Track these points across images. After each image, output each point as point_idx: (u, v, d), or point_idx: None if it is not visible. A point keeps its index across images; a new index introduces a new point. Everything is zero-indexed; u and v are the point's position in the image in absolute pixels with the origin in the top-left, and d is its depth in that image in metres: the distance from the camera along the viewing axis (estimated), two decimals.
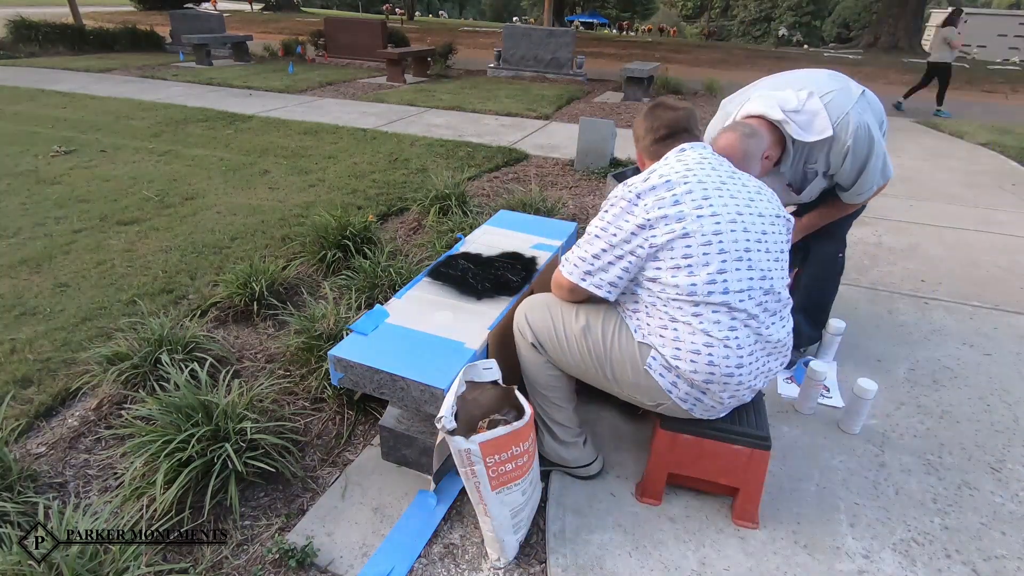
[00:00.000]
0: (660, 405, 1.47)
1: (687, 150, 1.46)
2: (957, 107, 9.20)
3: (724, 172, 1.42)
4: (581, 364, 1.51)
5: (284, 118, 6.27)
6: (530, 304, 1.60)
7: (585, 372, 1.53)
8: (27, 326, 2.32)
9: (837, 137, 1.79)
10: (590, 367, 1.50)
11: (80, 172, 4.24)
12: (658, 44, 21.09)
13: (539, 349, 1.56)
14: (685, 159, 1.42)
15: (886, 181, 1.95)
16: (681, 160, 1.42)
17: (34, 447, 1.77)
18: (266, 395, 1.87)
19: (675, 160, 1.43)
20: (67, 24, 11.39)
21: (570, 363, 1.53)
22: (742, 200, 1.39)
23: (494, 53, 10.66)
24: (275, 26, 19.33)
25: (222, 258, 2.96)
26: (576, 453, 1.65)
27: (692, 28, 45.23)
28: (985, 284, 3.02)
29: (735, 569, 1.43)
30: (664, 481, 1.60)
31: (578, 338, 1.48)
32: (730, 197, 1.37)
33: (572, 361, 1.52)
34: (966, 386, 2.18)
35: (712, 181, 1.37)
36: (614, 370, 1.46)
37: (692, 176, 1.36)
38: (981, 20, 32.17)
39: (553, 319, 1.53)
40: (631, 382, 1.45)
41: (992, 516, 1.62)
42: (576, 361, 1.51)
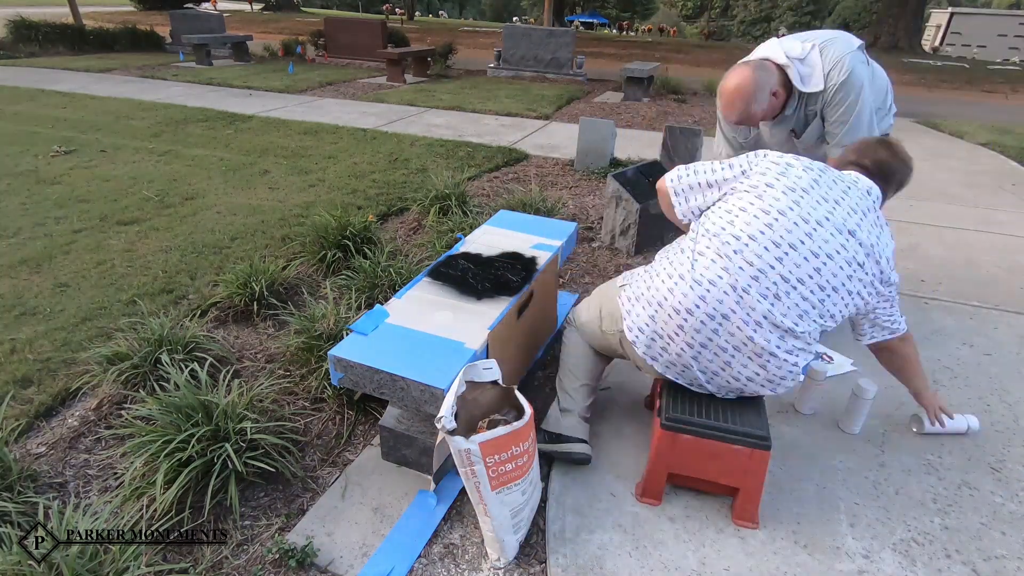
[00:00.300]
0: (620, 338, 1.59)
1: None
2: (957, 107, 9.20)
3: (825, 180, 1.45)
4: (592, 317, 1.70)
5: (284, 118, 6.27)
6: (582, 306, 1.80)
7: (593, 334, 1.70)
8: (27, 326, 2.32)
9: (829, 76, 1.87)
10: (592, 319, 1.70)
11: (80, 172, 4.24)
12: (658, 44, 21.09)
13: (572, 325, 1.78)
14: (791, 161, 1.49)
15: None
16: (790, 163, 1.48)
17: (34, 447, 1.77)
18: (266, 395, 1.87)
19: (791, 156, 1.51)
20: (67, 24, 11.39)
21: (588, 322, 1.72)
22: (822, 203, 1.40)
23: (494, 53, 10.66)
24: (275, 26, 19.32)
25: (222, 258, 2.96)
26: (572, 422, 1.70)
27: (692, 28, 45.21)
28: (985, 284, 3.02)
29: (735, 569, 1.43)
30: (664, 481, 1.60)
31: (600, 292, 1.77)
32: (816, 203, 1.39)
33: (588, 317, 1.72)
34: (966, 386, 2.18)
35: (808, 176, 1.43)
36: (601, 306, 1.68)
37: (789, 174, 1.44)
38: (981, 20, 32.16)
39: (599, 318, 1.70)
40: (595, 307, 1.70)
41: (992, 516, 1.62)
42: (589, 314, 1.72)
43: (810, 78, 1.89)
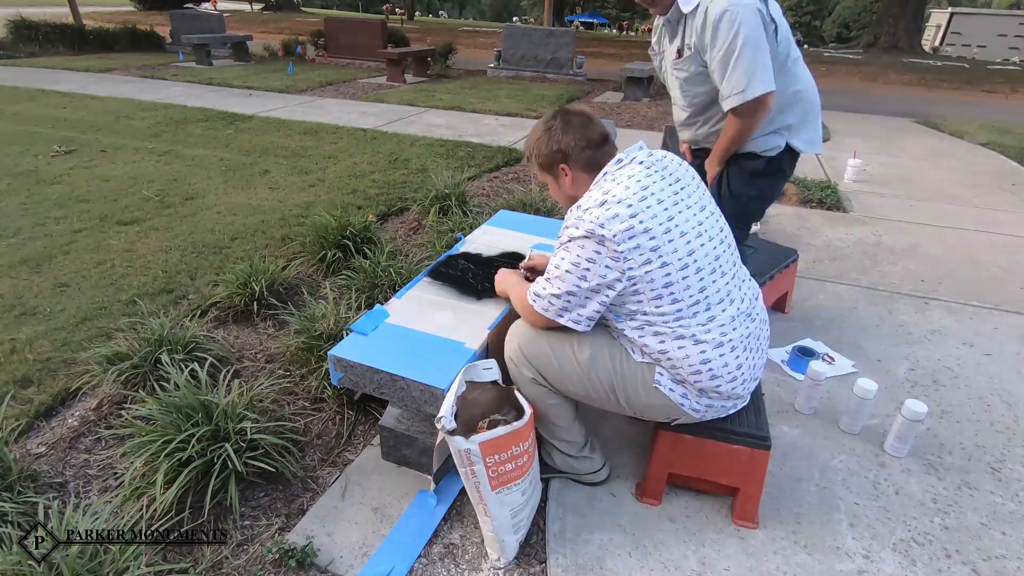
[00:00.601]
0: (675, 420, 1.47)
1: (624, 162, 1.38)
2: (957, 107, 9.21)
3: (670, 177, 1.37)
4: (591, 393, 1.47)
5: (284, 118, 6.27)
6: (520, 336, 1.51)
7: (594, 399, 1.49)
8: (27, 326, 2.32)
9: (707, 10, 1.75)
10: (600, 394, 1.46)
11: (80, 172, 4.24)
12: None
13: (541, 382, 1.50)
14: (633, 174, 1.34)
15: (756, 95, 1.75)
16: (631, 176, 1.34)
17: (34, 447, 1.77)
18: (266, 395, 1.87)
19: (625, 178, 1.34)
20: (67, 24, 11.39)
21: (577, 392, 1.49)
22: (694, 204, 1.37)
23: (494, 53, 10.66)
24: (275, 26, 19.33)
25: (222, 258, 2.96)
26: (587, 464, 1.64)
27: None
28: (985, 284, 3.02)
29: (735, 569, 1.43)
30: (665, 481, 1.60)
31: (585, 370, 1.43)
32: (686, 207, 1.34)
33: (579, 391, 1.48)
34: (966, 386, 2.18)
35: (667, 195, 1.33)
36: (627, 395, 1.44)
37: (650, 195, 1.30)
38: (981, 20, 32.17)
39: (555, 353, 1.46)
40: (644, 404, 1.44)
41: (992, 516, 1.62)
42: (584, 390, 1.47)
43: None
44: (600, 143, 1.43)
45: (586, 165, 1.43)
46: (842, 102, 9.22)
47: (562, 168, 1.45)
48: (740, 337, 1.37)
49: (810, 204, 4.15)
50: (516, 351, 1.50)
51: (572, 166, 1.44)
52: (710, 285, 1.34)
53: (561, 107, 1.51)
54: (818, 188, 4.32)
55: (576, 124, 1.43)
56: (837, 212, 4.04)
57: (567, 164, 1.44)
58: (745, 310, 1.41)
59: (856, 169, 4.72)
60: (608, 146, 1.44)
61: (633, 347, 1.40)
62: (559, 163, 1.45)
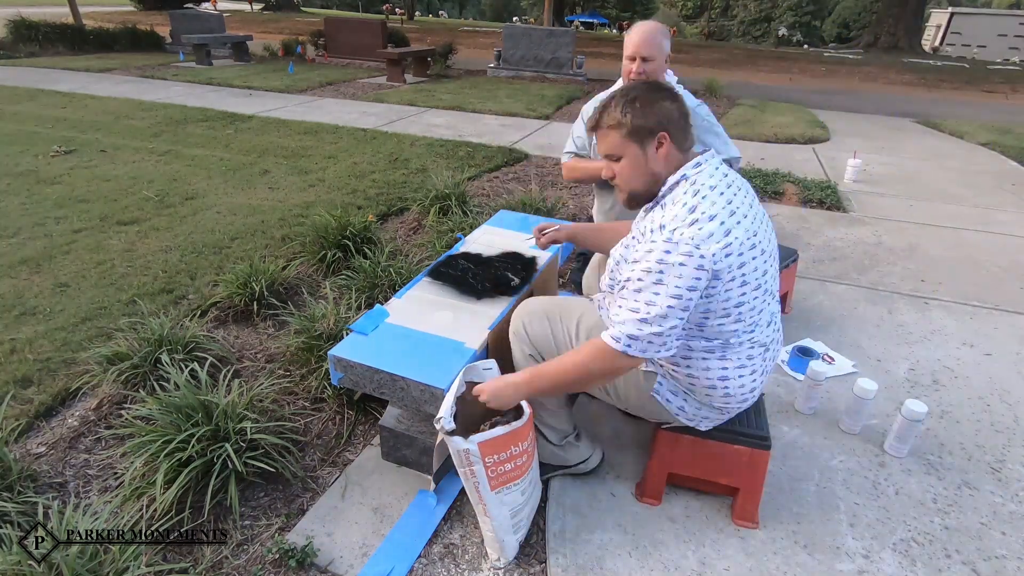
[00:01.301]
0: (665, 424, 1.47)
1: (703, 166, 1.27)
2: (957, 107, 9.21)
3: (744, 188, 1.30)
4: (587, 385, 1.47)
5: (284, 118, 6.26)
6: (528, 312, 1.53)
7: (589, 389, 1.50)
8: (27, 326, 2.32)
9: None
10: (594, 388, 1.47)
11: (80, 172, 4.24)
12: None
13: (537, 359, 1.50)
14: (715, 185, 1.23)
15: None
16: (714, 188, 1.23)
17: (34, 447, 1.77)
18: (266, 395, 1.87)
19: (708, 190, 1.23)
20: (67, 24, 11.39)
21: None
22: (765, 219, 1.30)
23: (494, 53, 10.65)
24: (275, 26, 19.32)
25: (222, 258, 2.96)
26: (572, 453, 1.65)
27: (692, 28, 45.20)
28: (985, 284, 3.02)
29: (735, 569, 1.43)
30: (664, 481, 1.60)
31: None
32: (762, 224, 1.26)
33: None
34: (966, 386, 2.18)
35: (747, 208, 1.24)
36: (617, 391, 1.44)
37: (737, 210, 1.21)
38: (981, 20, 32.15)
39: (554, 333, 1.48)
40: (635, 404, 1.44)
41: (992, 516, 1.62)
42: None
43: None
44: (689, 121, 1.32)
45: (683, 141, 1.29)
46: (842, 102, 9.22)
47: (662, 136, 1.27)
48: (761, 360, 1.36)
49: (810, 204, 4.15)
50: (519, 326, 1.53)
51: (673, 137, 1.27)
52: (766, 307, 1.30)
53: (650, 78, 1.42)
54: (818, 188, 4.32)
55: (673, 95, 1.30)
56: (837, 212, 4.04)
57: (669, 132, 1.27)
58: (775, 335, 1.38)
59: (856, 169, 4.72)
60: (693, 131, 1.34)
61: None
62: (661, 131, 1.26)
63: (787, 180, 4.54)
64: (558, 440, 1.62)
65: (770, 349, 1.38)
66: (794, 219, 3.86)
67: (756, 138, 6.18)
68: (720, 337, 1.29)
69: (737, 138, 6.17)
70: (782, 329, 1.45)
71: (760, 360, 1.36)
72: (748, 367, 1.33)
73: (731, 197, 1.23)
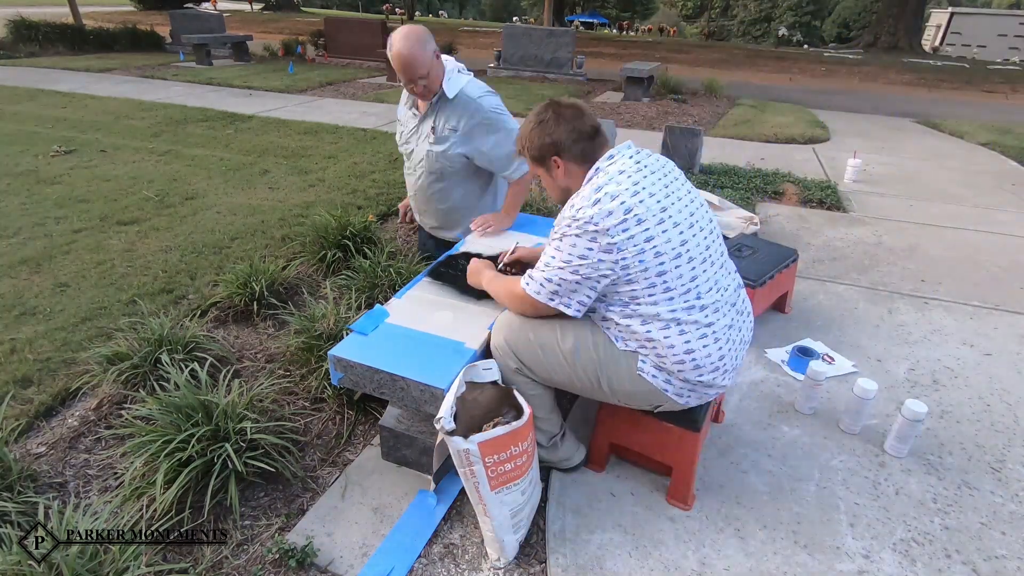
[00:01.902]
0: (658, 406, 1.48)
1: (616, 157, 1.40)
2: (957, 107, 9.21)
3: (660, 171, 1.39)
4: (575, 382, 1.49)
5: (284, 118, 6.27)
6: (507, 328, 1.53)
7: (579, 388, 1.52)
8: (27, 326, 2.32)
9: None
10: (584, 382, 1.48)
11: (80, 172, 4.24)
12: (658, 44, 21.09)
13: (525, 372, 1.52)
14: (624, 169, 1.35)
15: None
16: (622, 172, 1.35)
17: (34, 447, 1.77)
18: (266, 395, 1.87)
19: (616, 173, 1.35)
20: (67, 24, 11.39)
21: (561, 381, 1.51)
22: (685, 196, 1.40)
23: (494, 53, 10.66)
24: (275, 26, 19.32)
25: (222, 258, 2.96)
26: (558, 454, 1.67)
27: (692, 28, 45.20)
28: (985, 284, 3.02)
29: (735, 569, 1.43)
30: (607, 450, 1.70)
31: (568, 359, 1.46)
32: (678, 199, 1.37)
33: (563, 379, 1.50)
34: (966, 386, 2.18)
35: (658, 188, 1.35)
36: (610, 382, 1.45)
37: (642, 190, 1.32)
38: (981, 20, 32.13)
39: (540, 344, 1.48)
40: (628, 391, 1.45)
41: (992, 516, 1.62)
42: (569, 379, 1.49)
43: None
44: (592, 135, 1.43)
45: (579, 157, 1.43)
46: (842, 102, 9.22)
47: (554, 160, 1.45)
48: (723, 327, 1.40)
49: (810, 204, 4.15)
50: (502, 343, 1.53)
51: (565, 158, 1.44)
52: (701, 275, 1.37)
53: (552, 100, 1.50)
54: (818, 188, 4.32)
55: (568, 116, 1.43)
56: (837, 212, 4.04)
57: (560, 156, 1.44)
58: (730, 299, 1.44)
59: (856, 169, 4.72)
60: (600, 138, 1.45)
61: (618, 335, 1.42)
62: (551, 155, 1.44)
63: (787, 180, 4.54)
64: (546, 442, 1.65)
65: (724, 313, 1.41)
66: (794, 219, 3.86)
67: (756, 138, 6.18)
68: (664, 310, 1.35)
69: (737, 138, 6.18)
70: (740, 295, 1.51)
71: (722, 329, 1.40)
72: (710, 336, 1.38)
73: (639, 179, 1.34)
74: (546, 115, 1.45)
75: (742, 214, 3.51)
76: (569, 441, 1.69)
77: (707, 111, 7.67)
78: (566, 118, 1.43)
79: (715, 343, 1.39)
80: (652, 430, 1.57)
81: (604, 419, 1.65)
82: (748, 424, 1.93)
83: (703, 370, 1.39)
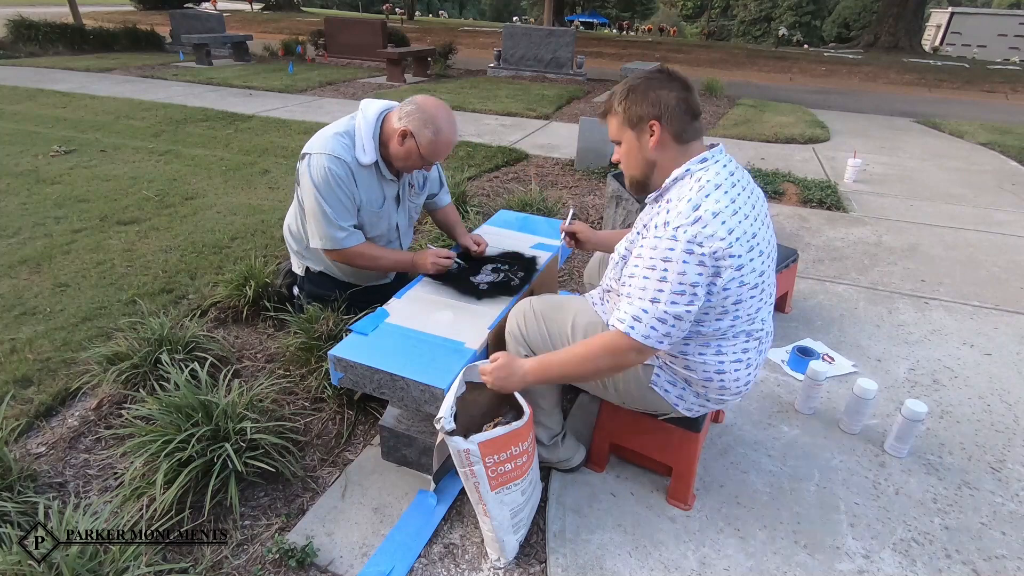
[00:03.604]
0: (663, 415, 1.48)
1: (709, 162, 1.27)
2: (957, 107, 9.21)
3: (749, 187, 1.30)
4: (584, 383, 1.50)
5: (284, 118, 6.26)
6: (523, 314, 1.53)
7: (586, 385, 1.53)
8: (27, 326, 2.32)
9: None
10: (592, 385, 1.49)
11: (80, 172, 4.24)
12: (658, 44, 21.10)
13: None
14: (720, 183, 1.23)
15: None
16: (718, 187, 1.22)
17: (34, 447, 1.77)
18: (266, 395, 1.87)
19: (713, 188, 1.22)
20: (67, 24, 11.39)
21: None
22: (767, 219, 1.31)
23: (494, 53, 10.66)
24: (275, 26, 19.31)
25: (222, 258, 2.96)
26: (558, 454, 1.67)
27: (692, 28, 45.21)
28: (985, 284, 3.02)
29: (735, 569, 1.43)
30: (607, 450, 1.69)
31: None
32: (763, 225, 1.28)
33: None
34: (966, 386, 2.18)
35: (750, 208, 1.25)
36: (617, 386, 1.45)
37: (739, 210, 1.21)
38: (981, 20, 32.14)
39: (550, 332, 1.49)
40: (636, 396, 1.45)
41: (992, 516, 1.62)
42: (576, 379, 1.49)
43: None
44: (696, 115, 1.29)
45: (678, 131, 1.27)
46: (842, 102, 9.23)
47: (652, 125, 1.27)
48: (756, 354, 1.38)
49: (810, 204, 4.15)
50: (515, 328, 1.53)
51: (665, 127, 1.27)
52: (763, 306, 1.32)
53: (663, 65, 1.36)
54: (818, 188, 4.32)
55: (680, 84, 1.29)
56: (837, 212, 4.04)
57: (660, 122, 1.27)
58: (769, 328, 1.40)
59: (856, 169, 4.72)
60: (700, 125, 1.32)
61: None
62: (651, 118, 1.27)
63: (787, 180, 4.54)
64: (547, 440, 1.65)
65: (764, 343, 1.40)
66: (794, 219, 3.86)
67: (756, 138, 6.19)
68: (716, 333, 1.31)
69: (737, 138, 6.18)
70: (775, 326, 1.48)
71: (755, 354, 1.38)
72: (743, 361, 1.36)
73: (735, 196, 1.23)
74: (655, 75, 1.30)
75: None
76: (569, 442, 1.70)
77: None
78: (676, 84, 1.28)
79: (746, 369, 1.36)
80: (652, 430, 1.57)
81: (604, 419, 1.65)
82: (748, 424, 1.94)
83: (726, 392, 1.37)
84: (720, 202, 1.20)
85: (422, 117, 1.78)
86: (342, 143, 1.81)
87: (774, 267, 1.35)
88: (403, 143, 1.80)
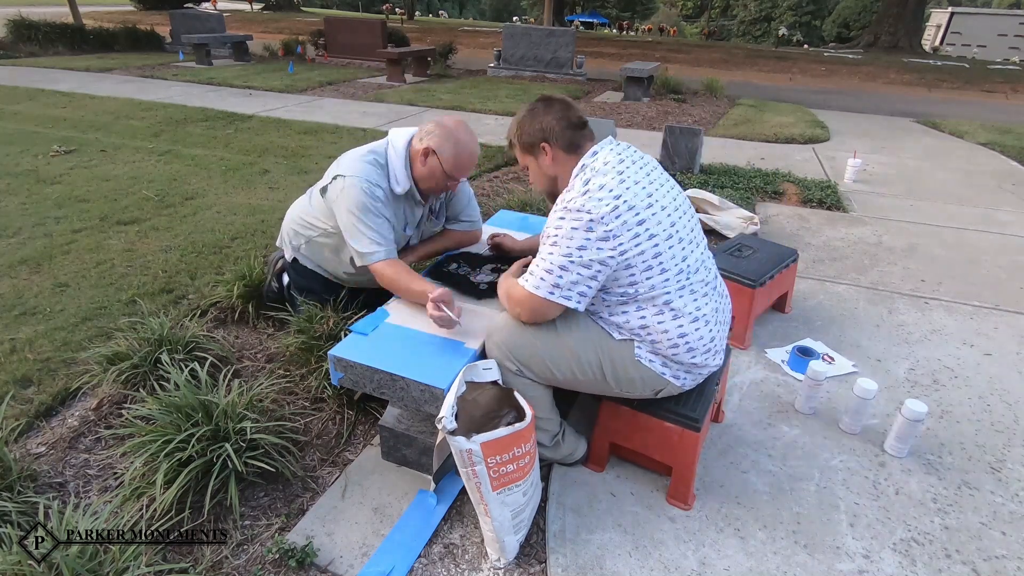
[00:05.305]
0: (660, 391, 1.51)
1: (599, 152, 1.46)
2: (957, 107, 9.21)
3: (640, 160, 1.47)
4: (578, 376, 1.50)
5: (284, 118, 6.26)
6: (505, 333, 1.51)
7: (582, 382, 1.53)
8: (27, 326, 2.32)
9: None
10: (588, 375, 1.50)
11: (80, 172, 4.24)
12: (658, 44, 21.09)
13: (526, 374, 1.52)
14: (608, 161, 1.42)
15: None
16: (606, 163, 1.42)
17: (34, 447, 1.77)
18: (266, 395, 1.87)
19: (601, 165, 1.42)
20: (67, 24, 11.39)
21: (566, 377, 1.52)
22: (666, 183, 1.48)
23: (494, 53, 10.66)
24: (275, 26, 19.31)
25: (222, 258, 2.96)
26: (561, 451, 1.68)
27: (692, 28, 45.18)
28: (985, 284, 3.02)
29: (735, 569, 1.43)
30: (607, 450, 1.69)
31: (574, 352, 1.47)
32: (660, 185, 1.45)
33: (568, 375, 1.51)
34: (966, 386, 2.18)
35: (642, 175, 1.42)
36: (615, 371, 1.47)
37: (628, 178, 1.39)
38: (981, 20, 32.13)
39: (542, 342, 1.48)
40: (630, 377, 1.48)
41: (992, 516, 1.62)
42: (573, 374, 1.50)
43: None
44: (580, 125, 1.50)
45: (567, 145, 1.49)
46: (842, 102, 9.23)
47: (543, 146, 1.50)
48: (711, 311, 1.48)
49: (810, 204, 4.15)
50: (498, 345, 1.52)
51: (553, 145, 1.50)
52: (690, 255, 1.44)
53: (543, 94, 1.59)
54: (818, 188, 4.32)
55: (557, 106, 1.52)
56: (837, 212, 4.04)
57: (548, 143, 1.50)
58: (712, 282, 1.52)
59: (856, 169, 4.72)
60: (587, 130, 1.52)
61: (612, 325, 1.47)
62: (541, 142, 1.50)
63: (787, 180, 4.54)
64: (549, 441, 1.65)
65: (711, 298, 1.49)
66: (794, 219, 3.86)
67: (756, 138, 6.18)
68: (658, 291, 1.40)
69: (737, 138, 6.18)
70: (719, 280, 1.58)
71: (710, 310, 1.47)
72: (700, 320, 1.45)
73: (622, 169, 1.41)
74: (536, 105, 1.54)
75: (742, 214, 3.52)
76: (570, 437, 1.70)
77: (707, 111, 7.67)
78: (555, 108, 1.51)
79: (705, 326, 1.46)
80: (652, 430, 1.57)
81: (604, 419, 1.65)
82: (748, 424, 1.94)
83: (696, 352, 1.46)
84: (607, 175, 1.39)
85: (442, 133, 1.84)
86: (377, 172, 1.85)
87: (689, 220, 1.48)
88: (426, 162, 1.85)
